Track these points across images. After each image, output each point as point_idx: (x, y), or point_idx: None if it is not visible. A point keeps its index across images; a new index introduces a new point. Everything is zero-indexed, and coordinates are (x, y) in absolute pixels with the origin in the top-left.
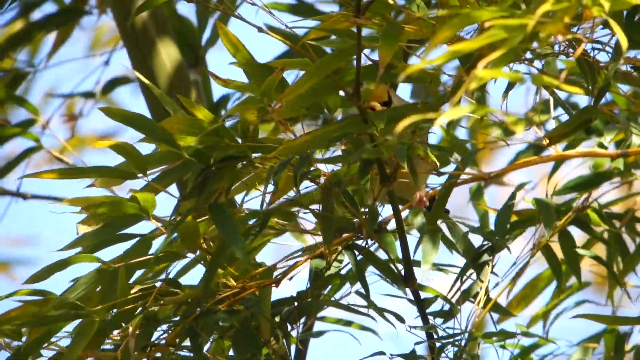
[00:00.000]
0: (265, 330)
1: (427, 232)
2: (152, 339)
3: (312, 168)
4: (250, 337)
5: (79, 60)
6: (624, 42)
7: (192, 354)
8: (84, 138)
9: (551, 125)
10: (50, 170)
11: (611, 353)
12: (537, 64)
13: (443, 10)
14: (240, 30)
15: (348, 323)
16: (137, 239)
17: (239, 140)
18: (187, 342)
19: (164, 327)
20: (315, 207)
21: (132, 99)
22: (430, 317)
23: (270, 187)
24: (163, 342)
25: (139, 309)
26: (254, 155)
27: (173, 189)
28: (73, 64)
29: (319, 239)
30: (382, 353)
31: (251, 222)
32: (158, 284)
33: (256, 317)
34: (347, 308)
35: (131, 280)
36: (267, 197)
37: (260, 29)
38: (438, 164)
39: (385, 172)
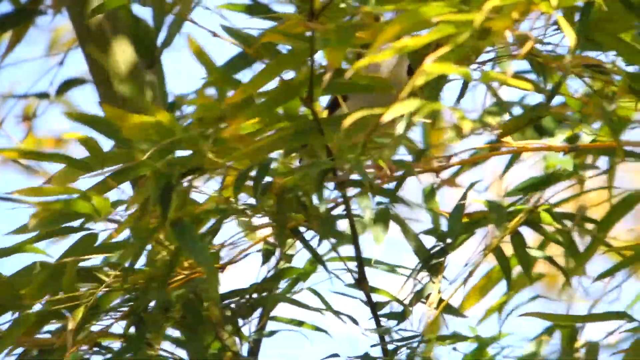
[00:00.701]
0: (214, 314)
1: (377, 213)
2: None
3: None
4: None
5: (36, 60)
6: (572, 39)
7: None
8: (39, 139)
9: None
10: (10, 148)
11: (562, 347)
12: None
13: (389, 6)
14: (196, 29)
15: (300, 323)
16: (85, 233)
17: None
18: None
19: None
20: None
21: (87, 100)
22: (383, 319)
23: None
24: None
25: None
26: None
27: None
28: (31, 65)
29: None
30: (336, 355)
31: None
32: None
33: (206, 308)
34: (302, 305)
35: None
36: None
37: (214, 34)
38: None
39: (340, 178)
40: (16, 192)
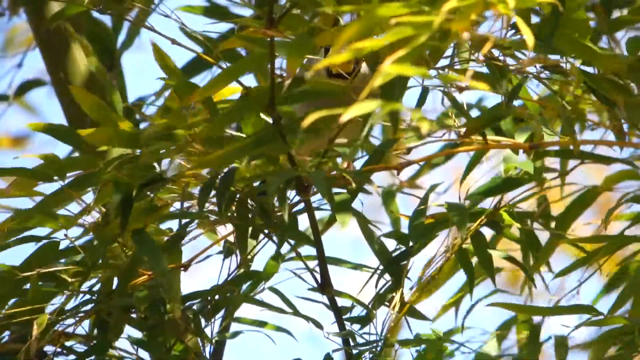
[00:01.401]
0: (177, 313)
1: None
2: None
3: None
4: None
5: None
6: (530, 40)
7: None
8: None
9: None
10: None
11: (523, 342)
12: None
13: (347, 6)
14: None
15: (263, 324)
16: (44, 242)
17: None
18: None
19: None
20: None
21: (46, 101)
22: (347, 323)
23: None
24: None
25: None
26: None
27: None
28: None
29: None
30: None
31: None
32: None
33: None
34: (265, 305)
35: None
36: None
37: (173, 41)
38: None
39: (303, 184)
40: None
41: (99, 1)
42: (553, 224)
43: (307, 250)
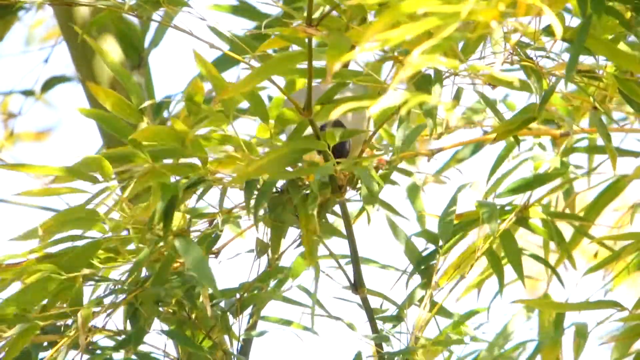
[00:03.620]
0: (206, 300)
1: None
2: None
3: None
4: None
5: (17, 56)
6: (558, 30)
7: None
8: (21, 135)
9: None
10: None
11: (546, 325)
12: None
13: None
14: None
15: (288, 322)
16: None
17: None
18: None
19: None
20: None
21: (71, 98)
22: (379, 322)
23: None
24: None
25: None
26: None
27: None
28: (12, 60)
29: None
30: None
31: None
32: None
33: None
34: (294, 302)
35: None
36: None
37: (211, 45)
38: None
39: (337, 184)
40: (24, 192)
41: (136, 6)
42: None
43: (337, 250)
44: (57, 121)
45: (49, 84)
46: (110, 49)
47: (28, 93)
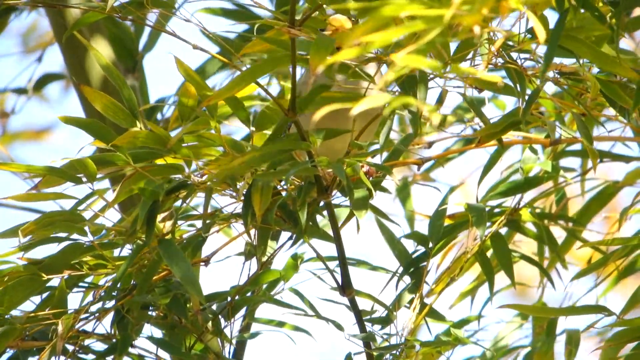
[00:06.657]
0: (195, 305)
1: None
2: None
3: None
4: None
5: (12, 56)
6: (541, 33)
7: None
8: (15, 134)
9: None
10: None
11: (539, 331)
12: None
13: (355, 3)
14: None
15: (281, 324)
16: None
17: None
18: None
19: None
20: None
21: (63, 96)
22: (368, 324)
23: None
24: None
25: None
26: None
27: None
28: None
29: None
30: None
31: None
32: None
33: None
34: (285, 305)
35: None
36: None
37: (194, 46)
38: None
39: (323, 185)
40: (10, 197)
41: (120, 7)
42: (570, 224)
43: (326, 252)
44: (56, 121)
45: (41, 82)
46: (103, 52)
47: (21, 91)
